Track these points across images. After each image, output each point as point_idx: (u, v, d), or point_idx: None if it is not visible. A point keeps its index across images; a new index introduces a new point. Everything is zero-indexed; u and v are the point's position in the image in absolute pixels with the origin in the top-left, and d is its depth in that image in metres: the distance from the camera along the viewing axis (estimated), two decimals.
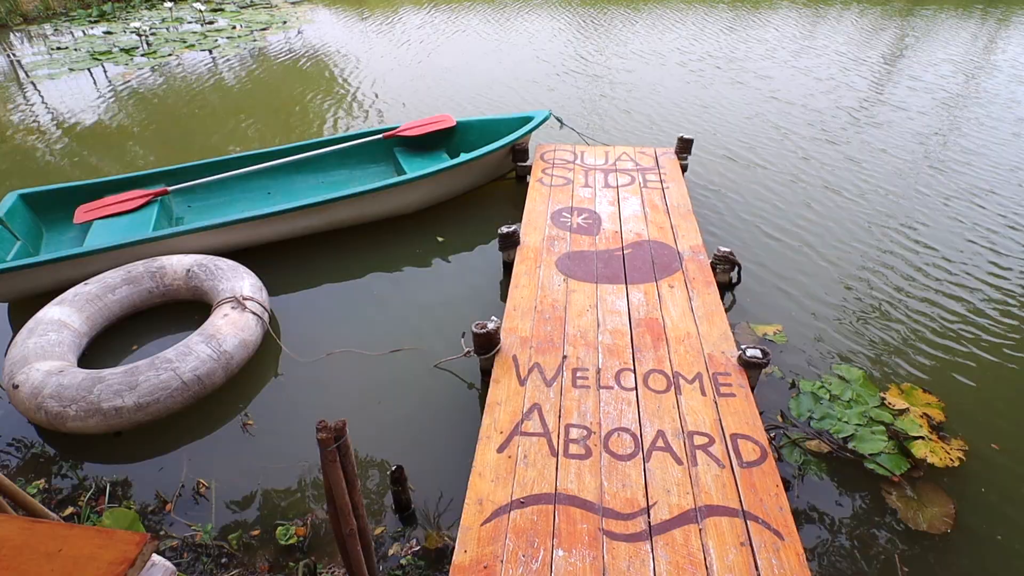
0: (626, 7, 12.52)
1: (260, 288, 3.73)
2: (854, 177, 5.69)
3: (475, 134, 5.73)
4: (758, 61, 8.94)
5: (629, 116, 7.08)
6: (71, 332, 3.38)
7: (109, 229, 4.48)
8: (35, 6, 13.11)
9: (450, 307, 4.09)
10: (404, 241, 4.81)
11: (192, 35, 10.95)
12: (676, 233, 4.35)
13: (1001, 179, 5.64)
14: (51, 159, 6.47)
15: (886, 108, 7.18)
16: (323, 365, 3.62)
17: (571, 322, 3.46)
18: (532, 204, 4.74)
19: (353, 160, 5.64)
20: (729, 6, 12.42)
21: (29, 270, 3.95)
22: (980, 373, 3.56)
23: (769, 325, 3.90)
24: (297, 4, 13.50)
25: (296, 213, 4.46)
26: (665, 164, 5.34)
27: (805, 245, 4.71)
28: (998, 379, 3.52)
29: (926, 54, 9.22)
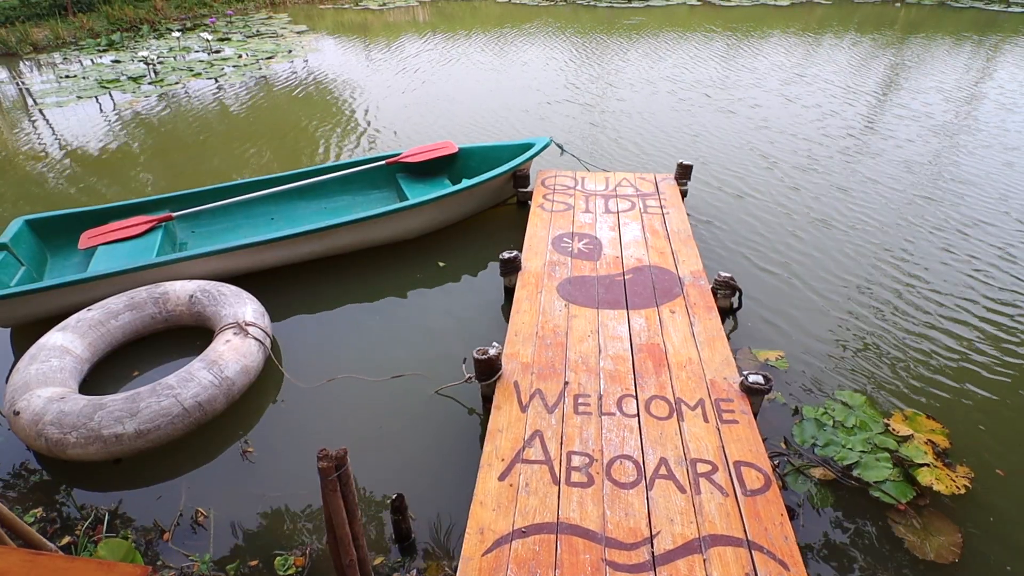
0: (618, 37, 12.77)
1: (262, 313, 3.75)
2: (852, 204, 5.74)
3: (477, 160, 5.80)
4: (748, 89, 9.08)
5: (618, 144, 7.17)
6: (73, 358, 3.38)
7: (113, 255, 4.51)
8: (45, 35, 13.40)
9: (451, 332, 4.09)
10: (405, 266, 4.84)
11: (199, 64, 11.15)
12: (677, 258, 4.37)
13: (991, 209, 5.69)
14: (58, 185, 6.55)
15: (888, 136, 7.27)
16: (324, 391, 3.61)
17: (572, 348, 3.47)
18: (533, 229, 4.78)
19: (356, 186, 5.71)
20: (720, 35, 12.66)
21: (32, 295, 3.97)
22: (983, 398, 3.54)
23: (771, 350, 3.90)
24: (302, 34, 13.78)
25: (299, 239, 4.50)
26: (665, 190, 5.40)
27: (805, 270, 4.73)
28: (1002, 404, 3.50)
29: (917, 82, 9.37)
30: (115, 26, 14.48)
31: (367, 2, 17.87)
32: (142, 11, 15.16)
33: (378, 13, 16.35)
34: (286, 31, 13.98)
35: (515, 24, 14.23)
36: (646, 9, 15.75)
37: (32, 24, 13.90)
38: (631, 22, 14.00)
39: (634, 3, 16.54)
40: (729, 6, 15.94)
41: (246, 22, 15.15)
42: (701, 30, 13.16)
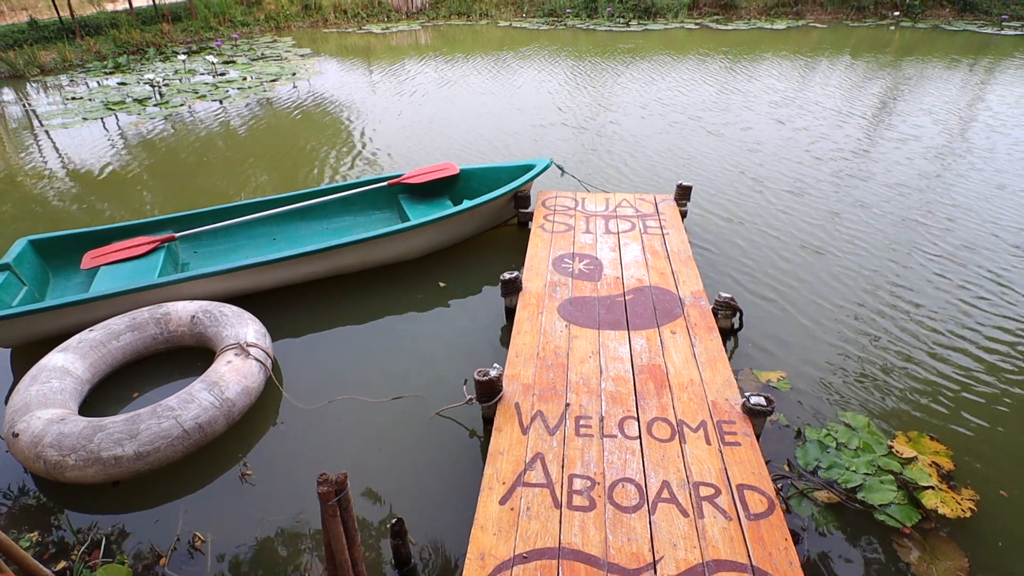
0: (615, 61, 12.94)
1: (264, 334, 3.75)
2: (848, 226, 5.76)
3: (478, 181, 5.85)
4: (740, 112, 9.18)
5: (615, 166, 7.22)
6: (74, 379, 3.38)
7: (115, 275, 4.53)
8: (52, 58, 13.60)
9: (452, 353, 4.09)
10: (407, 286, 4.85)
11: (204, 86, 11.31)
12: (677, 279, 4.38)
13: (983, 232, 5.71)
14: (62, 205, 6.59)
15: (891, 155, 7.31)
16: (324, 412, 3.60)
17: (573, 369, 3.46)
18: (534, 250, 4.80)
19: (357, 207, 5.75)
20: (716, 58, 12.84)
21: (34, 316, 3.97)
22: (986, 418, 3.53)
23: (772, 372, 3.89)
24: (306, 57, 13.99)
25: (300, 259, 4.52)
26: (665, 210, 5.43)
27: (806, 290, 4.74)
28: (1005, 424, 3.49)
29: (909, 105, 9.47)
30: (122, 49, 14.72)
31: (370, 26, 18.17)
32: (149, 35, 15.43)
33: (381, 37, 16.61)
34: (290, 54, 14.19)
35: (515, 47, 14.45)
36: (644, 33, 16.00)
37: (40, 47, 14.12)
38: (626, 46, 14.20)
39: (633, 27, 16.81)
40: (726, 30, 16.20)
41: (251, 45, 15.40)
42: (698, 53, 13.35)
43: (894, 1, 17.60)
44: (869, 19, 17.31)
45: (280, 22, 18.12)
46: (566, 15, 18.40)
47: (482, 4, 19.27)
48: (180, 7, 17.71)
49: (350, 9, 18.92)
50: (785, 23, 16.91)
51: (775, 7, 18.00)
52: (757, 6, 18.11)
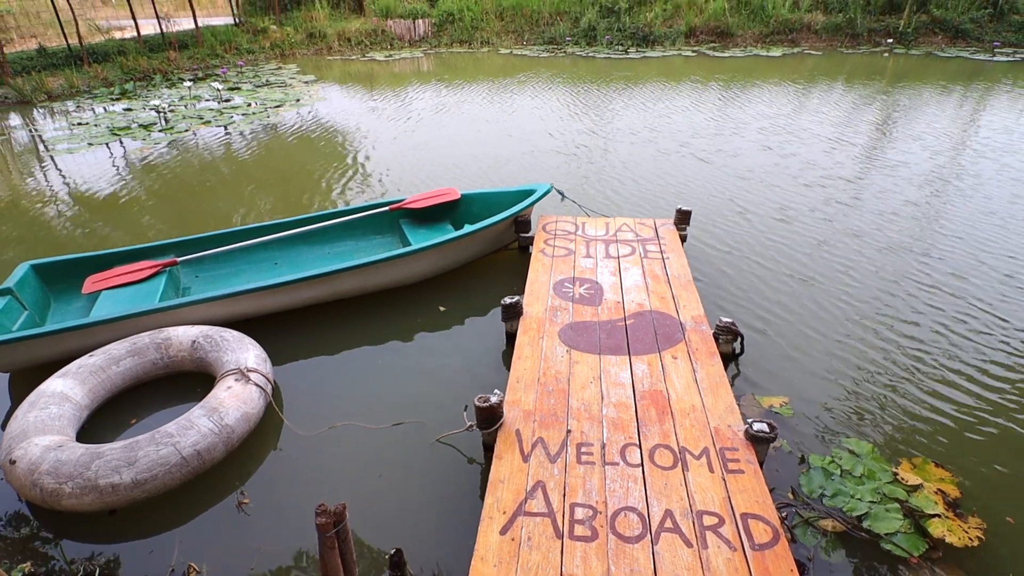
0: (612, 88, 13.14)
1: (264, 359, 3.74)
2: (852, 252, 5.79)
3: (479, 206, 5.90)
4: (730, 139, 9.28)
5: (613, 191, 7.28)
6: (72, 405, 3.36)
7: (116, 299, 4.53)
8: (60, 84, 13.82)
9: (453, 378, 4.07)
10: (407, 311, 4.85)
11: (209, 112, 11.47)
12: (678, 303, 4.39)
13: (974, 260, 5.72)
14: (65, 229, 6.63)
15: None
16: (324, 438, 3.57)
17: (575, 394, 3.44)
18: (535, 274, 4.81)
19: (359, 231, 5.78)
20: (712, 85, 13.03)
21: (33, 341, 3.97)
22: (990, 445, 3.49)
23: (775, 397, 3.87)
24: (310, 83, 14.21)
25: (301, 284, 4.53)
26: (665, 235, 5.46)
27: (805, 317, 4.74)
28: (1009, 450, 3.45)
29: (902, 132, 9.59)
30: (128, 76, 14.97)
31: (373, 53, 18.50)
32: (156, 62, 15.71)
33: (384, 64, 16.91)
34: (295, 81, 14.42)
35: (515, 74, 14.69)
36: (643, 60, 16.28)
37: (48, 73, 14.37)
38: (622, 74, 14.43)
39: (631, 54, 17.11)
40: (723, 57, 16.48)
41: (256, 72, 15.66)
42: (695, 81, 13.55)
43: (887, 29, 17.94)
44: (863, 46, 17.63)
45: (285, 50, 18.46)
46: (566, 43, 18.75)
47: (483, 32, 19.65)
48: (187, 35, 18.06)
49: (354, 37, 19.29)
50: (781, 50, 17.22)
51: (770, 35, 18.34)
52: (753, 34, 18.46)
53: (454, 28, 19.87)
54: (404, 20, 19.87)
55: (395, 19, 19.94)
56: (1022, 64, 14.99)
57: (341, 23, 19.80)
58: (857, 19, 17.95)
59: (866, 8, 18.25)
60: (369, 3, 20.69)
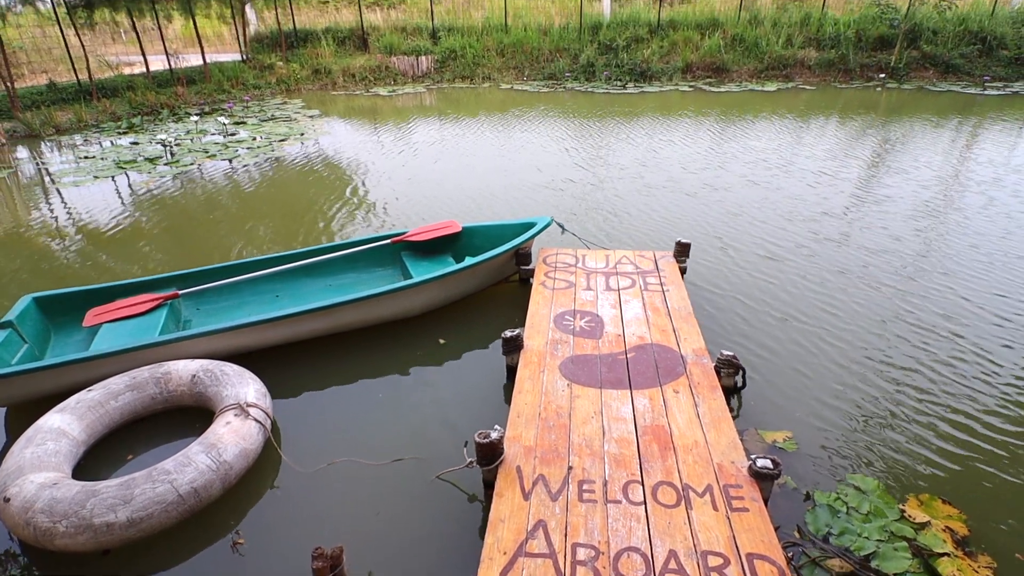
0: (610, 122, 13.37)
1: (264, 394, 3.72)
2: (854, 282, 5.81)
3: (480, 239, 5.94)
4: (716, 172, 9.39)
5: (611, 225, 7.33)
6: (69, 441, 3.33)
7: (116, 333, 4.53)
8: (68, 118, 14.08)
9: (452, 413, 4.04)
10: (407, 344, 4.84)
11: (214, 146, 11.66)
12: (678, 336, 4.38)
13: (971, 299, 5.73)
14: (69, 261, 6.68)
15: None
16: (322, 475, 3.52)
17: (576, 430, 3.41)
18: (535, 307, 4.82)
19: (361, 264, 5.81)
20: (709, 119, 13.26)
21: (32, 374, 3.95)
22: (998, 481, 3.45)
23: (778, 432, 3.83)
24: (315, 118, 14.48)
25: (302, 317, 4.53)
26: (664, 267, 5.49)
27: (808, 350, 4.72)
28: (1018, 485, 3.40)
29: (896, 164, 9.71)
30: (136, 110, 15.27)
31: (377, 88, 18.90)
32: (164, 97, 16.04)
33: (387, 99, 17.25)
34: (299, 115, 14.70)
35: (515, 109, 14.97)
36: (641, 95, 16.60)
37: (57, 108, 14.66)
38: (623, 109, 14.71)
39: (629, 89, 17.47)
40: (719, 92, 16.82)
41: (262, 107, 15.97)
42: (691, 114, 13.80)
43: (879, 64, 18.35)
44: (856, 81, 18.00)
45: (291, 85, 18.87)
46: (565, 79, 19.15)
47: (485, 68, 20.10)
48: (195, 71, 18.48)
49: (358, 73, 19.73)
50: (775, 85, 17.58)
51: (765, 70, 18.75)
52: (748, 69, 18.87)
53: (456, 64, 20.34)
54: (407, 57, 20.35)
55: (399, 56, 20.42)
56: (1012, 98, 15.28)
57: (346, 59, 20.28)
58: (849, 55, 18.38)
59: (857, 45, 18.71)
60: (373, 41, 21.23)
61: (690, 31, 19.89)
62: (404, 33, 21.63)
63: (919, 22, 18.13)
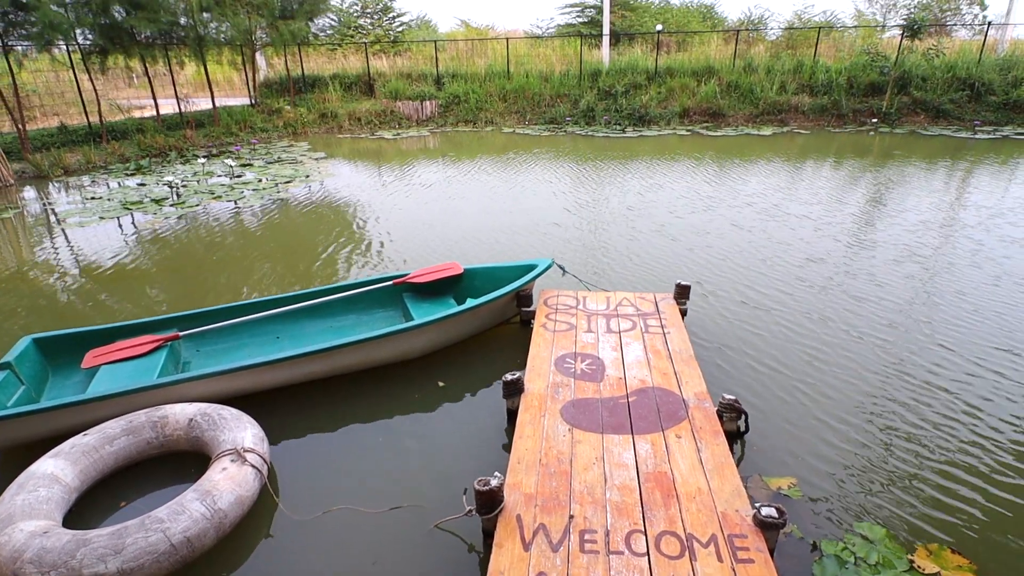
0: (608, 165, 13.62)
1: (262, 439, 3.68)
2: (856, 320, 5.81)
3: (481, 280, 5.98)
4: (701, 214, 9.52)
5: (610, 268, 7.39)
6: (62, 487, 3.27)
7: (114, 374, 4.51)
8: (77, 160, 14.36)
9: (452, 458, 3.99)
10: (405, 386, 4.81)
11: (220, 187, 11.85)
12: (680, 379, 4.36)
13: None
14: (71, 301, 6.70)
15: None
16: (318, 523, 3.45)
17: (577, 476, 3.36)
18: (536, 350, 4.81)
19: (362, 305, 5.83)
20: (706, 162, 13.52)
21: (27, 418, 3.91)
22: (1008, 529, 3.36)
23: (782, 478, 3.77)
24: (320, 160, 14.77)
25: (301, 359, 4.52)
26: (665, 309, 5.50)
27: (810, 391, 4.69)
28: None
29: (893, 206, 9.84)
30: (145, 152, 15.59)
31: (382, 132, 19.35)
32: (172, 139, 16.40)
33: (392, 141, 17.63)
34: (305, 157, 15.00)
35: (517, 152, 15.28)
36: (640, 139, 16.98)
37: (66, 150, 14.97)
38: (615, 152, 15.01)
39: (628, 133, 17.87)
40: (715, 136, 17.20)
41: (268, 149, 16.32)
42: (690, 158, 14.07)
43: (871, 109, 18.82)
44: (849, 125, 18.43)
45: (298, 128, 19.33)
46: (566, 123, 19.63)
47: (487, 113, 20.61)
48: (204, 115, 18.96)
49: (364, 117, 20.24)
50: (771, 130, 17.98)
51: (760, 115, 19.22)
52: (744, 114, 19.34)
53: (459, 109, 20.87)
54: (412, 101, 20.91)
55: (404, 100, 20.99)
56: (1003, 141, 15.61)
57: (352, 104, 20.83)
58: (842, 101, 18.87)
59: (849, 91, 19.23)
60: (379, 86, 21.86)
61: (686, 78, 20.50)
62: (409, 79, 22.30)
63: (908, 69, 18.70)
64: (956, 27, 30.11)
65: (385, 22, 33.34)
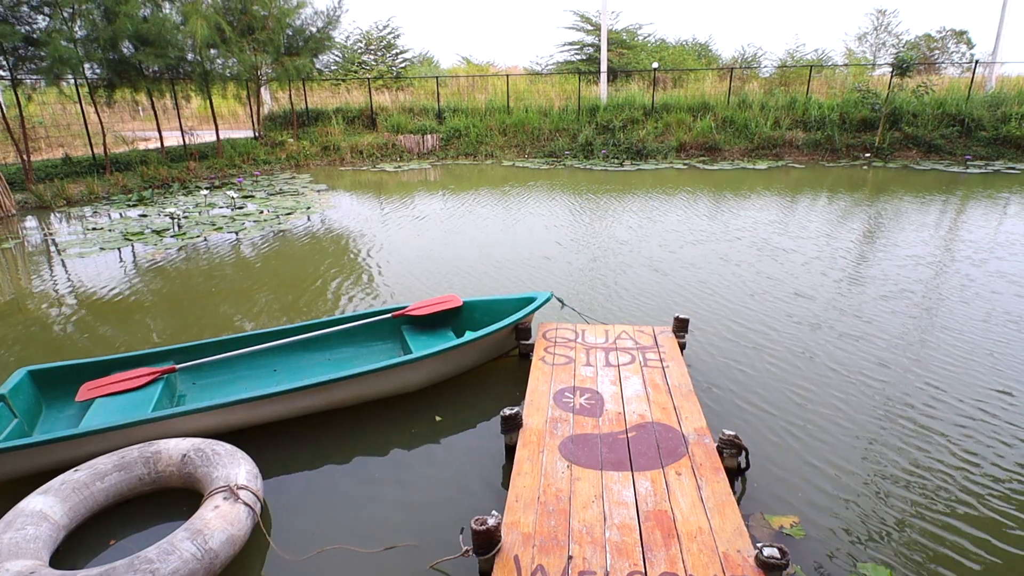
0: (606, 198, 13.78)
1: (256, 475, 3.62)
2: (860, 359, 5.80)
3: (480, 313, 5.98)
4: (687, 250, 9.58)
5: (608, 300, 7.40)
6: (50, 525, 3.20)
7: (108, 408, 4.46)
8: (80, 191, 14.50)
9: (449, 495, 3.92)
10: (402, 421, 4.76)
11: (221, 219, 11.94)
12: (679, 414, 4.32)
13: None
14: (68, 332, 6.67)
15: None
16: (311, 563, 3.37)
17: (576, 515, 3.30)
18: (535, 384, 4.78)
19: (360, 338, 5.81)
20: (703, 195, 13.68)
21: (17, 452, 3.86)
22: (1014, 571, 3.29)
23: (784, 516, 3.70)
24: (322, 192, 14.93)
25: (297, 393, 4.48)
26: (664, 343, 5.49)
27: (811, 428, 4.65)
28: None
29: (888, 239, 9.93)
30: (148, 184, 15.75)
31: (384, 164, 19.61)
32: (175, 171, 16.59)
33: (393, 174, 17.85)
34: (307, 189, 15.16)
35: (516, 185, 15.47)
36: (637, 172, 17.21)
37: (70, 181, 15.13)
38: (613, 186, 15.19)
39: (626, 167, 18.12)
40: (712, 169, 17.44)
41: (271, 181, 16.50)
42: (687, 191, 14.24)
43: (864, 144, 19.15)
44: (843, 160, 18.72)
45: (300, 161, 19.58)
46: (564, 156, 19.92)
47: (487, 146, 20.94)
48: (208, 147, 19.24)
49: (366, 150, 20.54)
50: (766, 164, 18.25)
51: (755, 150, 19.54)
52: (739, 149, 19.66)
53: (460, 142, 21.21)
54: (413, 135, 21.26)
55: (405, 134, 21.34)
56: (994, 176, 15.84)
57: (355, 137, 21.17)
58: (835, 136, 19.22)
59: (842, 126, 19.60)
60: (382, 120, 22.25)
61: (682, 113, 20.91)
62: (411, 113, 22.72)
63: (899, 106, 19.10)
64: (944, 65, 30.91)
65: (388, 58, 34.14)
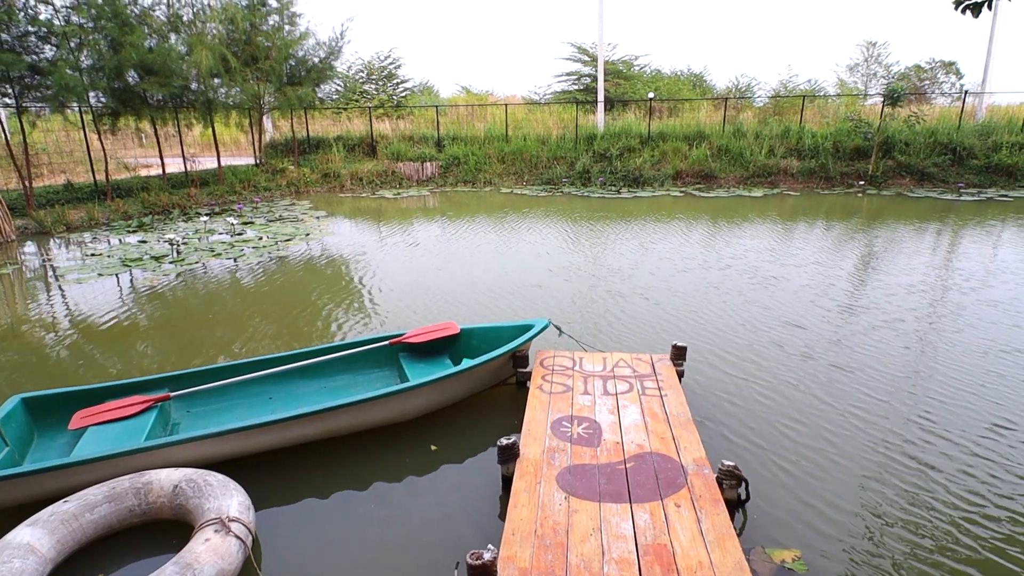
0: (602, 225, 13.87)
1: (248, 507, 3.56)
2: (859, 382, 5.77)
3: (478, 340, 5.96)
4: (677, 276, 9.62)
5: (606, 326, 7.40)
6: (37, 558, 3.13)
7: (101, 436, 4.41)
8: (80, 217, 14.56)
9: (444, 527, 3.85)
10: (396, 450, 4.70)
11: (220, 245, 11.98)
12: (678, 444, 4.27)
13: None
14: (64, 358, 6.63)
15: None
16: None
17: (574, 549, 3.24)
18: (532, 412, 4.74)
19: (357, 365, 5.78)
20: (699, 222, 13.78)
21: (6, 482, 3.79)
22: None
23: (786, 550, 3.64)
24: (322, 218, 15.01)
25: (293, 422, 4.43)
26: (662, 371, 5.46)
27: (811, 460, 4.60)
28: None
29: (884, 268, 9.97)
30: (148, 210, 15.83)
31: (383, 191, 19.78)
32: (176, 197, 16.70)
33: (392, 201, 17.99)
34: (306, 216, 15.25)
35: (514, 211, 15.58)
36: (634, 199, 17.36)
37: (71, 207, 15.21)
38: (610, 213, 15.32)
39: (624, 194, 18.29)
40: (708, 197, 17.61)
41: (271, 208, 16.60)
42: (684, 218, 14.36)
43: (858, 172, 19.39)
44: (837, 187, 18.93)
45: (300, 188, 19.75)
46: (562, 183, 20.12)
47: (486, 174, 21.16)
48: (209, 174, 19.40)
49: (366, 177, 20.74)
50: (762, 191, 18.45)
51: (751, 177, 19.77)
52: (735, 177, 19.89)
53: (459, 170, 21.45)
54: (413, 163, 21.50)
55: (405, 162, 21.57)
56: (987, 203, 16.00)
57: (355, 164, 21.40)
58: (829, 164, 19.48)
59: (836, 155, 19.88)
60: (382, 148, 22.52)
61: (678, 142, 21.21)
62: (411, 141, 23.02)
63: (891, 135, 19.40)
64: (935, 95, 31.52)
65: (389, 87, 34.71)
